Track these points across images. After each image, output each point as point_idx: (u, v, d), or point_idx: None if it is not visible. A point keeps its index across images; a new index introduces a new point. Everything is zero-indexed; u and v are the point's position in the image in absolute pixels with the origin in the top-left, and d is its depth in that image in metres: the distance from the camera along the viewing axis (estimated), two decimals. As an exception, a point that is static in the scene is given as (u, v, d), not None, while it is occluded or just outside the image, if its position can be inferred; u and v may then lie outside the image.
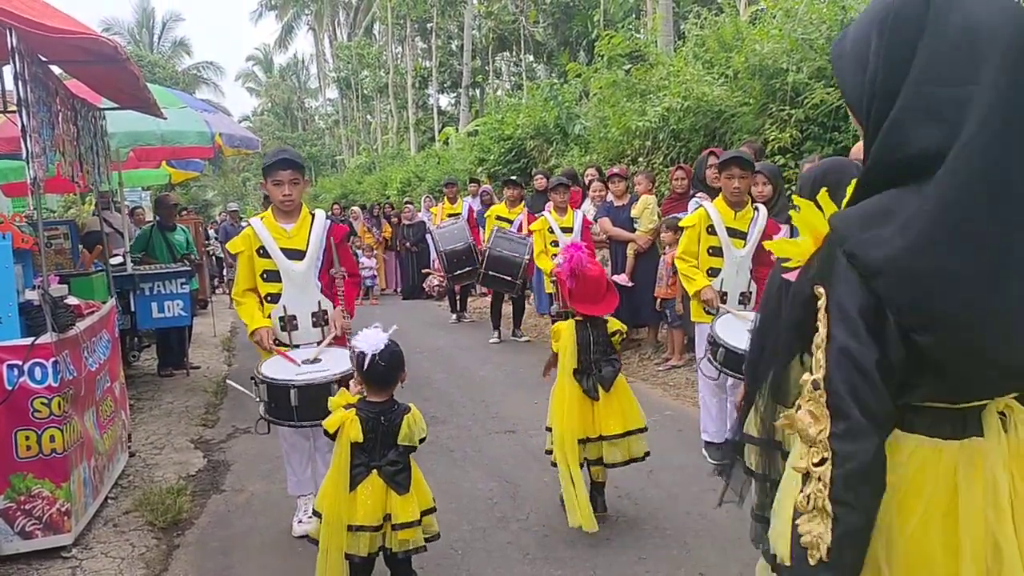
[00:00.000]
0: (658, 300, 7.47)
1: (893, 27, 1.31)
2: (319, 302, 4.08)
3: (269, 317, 4.03)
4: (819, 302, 1.35)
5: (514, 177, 10.86)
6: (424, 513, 3.04)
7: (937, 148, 1.26)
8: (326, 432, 3.06)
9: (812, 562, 1.30)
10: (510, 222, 9.30)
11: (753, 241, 4.77)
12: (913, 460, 1.38)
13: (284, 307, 4.02)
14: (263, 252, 4.02)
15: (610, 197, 8.17)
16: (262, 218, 4.15)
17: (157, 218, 8.77)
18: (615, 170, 8.31)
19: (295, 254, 4.03)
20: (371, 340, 3.02)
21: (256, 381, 3.78)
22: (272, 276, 4.04)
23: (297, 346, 4.03)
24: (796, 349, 1.45)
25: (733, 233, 4.78)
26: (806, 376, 1.35)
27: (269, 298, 4.06)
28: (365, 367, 3.01)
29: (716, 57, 9.33)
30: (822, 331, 1.33)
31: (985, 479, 1.35)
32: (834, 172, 2.64)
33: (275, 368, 3.80)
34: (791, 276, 1.82)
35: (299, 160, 4.12)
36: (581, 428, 3.85)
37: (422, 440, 3.08)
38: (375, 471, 2.96)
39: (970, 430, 1.37)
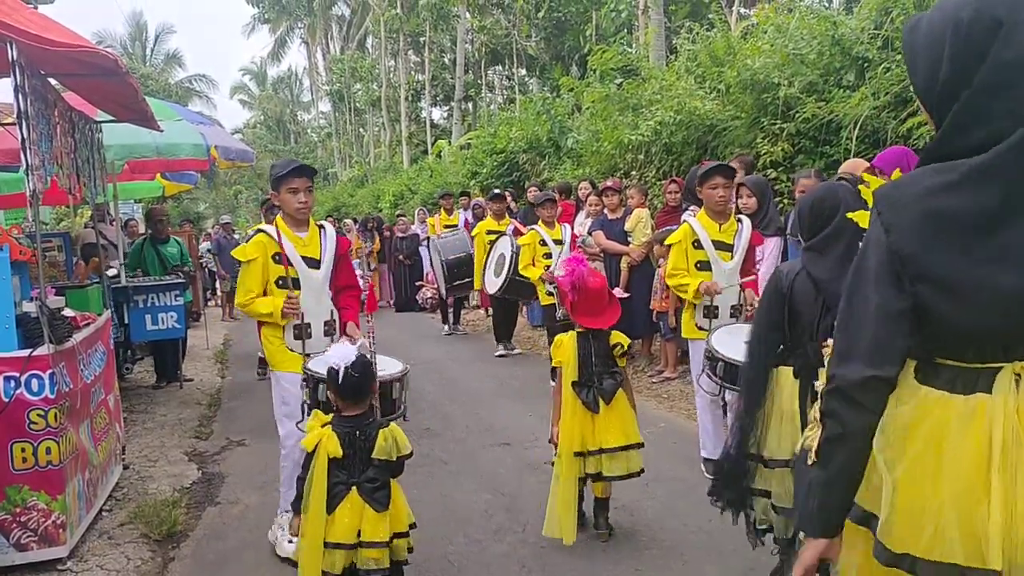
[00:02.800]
0: (654, 312, 7.51)
1: (966, 39, 1.46)
2: (331, 311, 4.12)
3: (282, 328, 4.01)
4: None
5: (498, 191, 10.91)
6: (396, 536, 3.03)
7: (977, 146, 1.45)
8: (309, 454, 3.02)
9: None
10: (501, 234, 9.33)
11: (740, 253, 4.80)
12: (919, 408, 1.54)
13: (301, 315, 4.00)
14: (279, 258, 3.99)
15: (604, 210, 8.22)
16: (261, 228, 4.15)
17: (149, 231, 8.78)
18: (608, 183, 8.35)
19: (312, 262, 4.06)
20: (341, 353, 3.05)
21: (315, 380, 3.64)
22: (286, 283, 4.00)
23: (308, 355, 3.98)
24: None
25: (719, 246, 4.79)
26: None
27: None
28: (340, 380, 3.02)
29: (708, 72, 9.40)
30: None
31: (981, 431, 1.48)
32: (830, 199, 2.94)
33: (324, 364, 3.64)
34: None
35: (312, 168, 4.16)
36: (580, 441, 3.83)
37: (404, 457, 3.06)
38: (354, 488, 2.96)
39: (980, 387, 1.50)
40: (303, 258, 4.02)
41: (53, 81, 4.71)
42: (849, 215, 2.22)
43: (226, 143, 8.97)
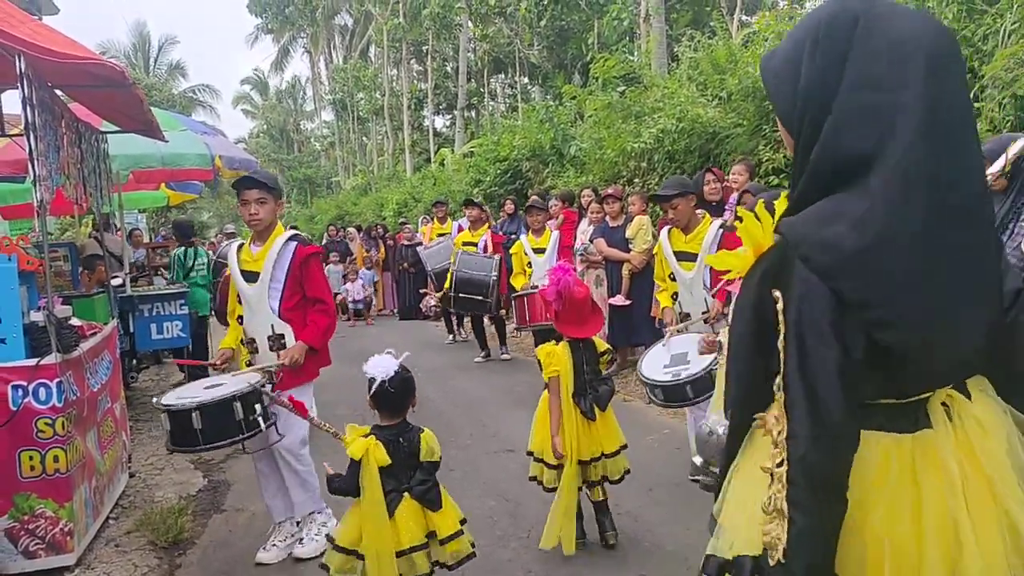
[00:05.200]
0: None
1: (825, 40, 1.38)
2: (272, 326, 4.02)
3: (242, 341, 4.14)
4: (777, 305, 1.38)
5: (473, 199, 11.02)
6: (461, 523, 3.08)
7: (871, 150, 1.33)
8: (353, 461, 2.98)
9: (772, 562, 1.35)
10: (475, 244, 9.44)
11: (702, 259, 4.88)
12: (875, 453, 1.41)
13: (245, 330, 4.10)
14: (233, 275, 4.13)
15: (605, 217, 8.25)
16: (241, 243, 4.25)
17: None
18: (609, 191, 8.39)
19: (253, 276, 4.05)
20: (382, 366, 3.03)
21: (160, 410, 3.67)
22: (239, 298, 4.14)
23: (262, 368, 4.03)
24: (758, 359, 1.47)
25: (683, 256, 4.92)
26: (778, 380, 1.39)
27: (240, 320, 4.14)
28: (373, 391, 3.01)
29: (710, 79, 9.45)
30: (782, 333, 1.37)
31: (939, 468, 1.40)
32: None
33: (173, 396, 3.78)
34: (733, 287, 1.90)
35: (264, 180, 4.10)
36: (587, 449, 3.88)
37: (441, 456, 3.09)
38: (407, 494, 2.97)
39: (921, 423, 1.42)
40: (245, 272, 4.07)
41: (59, 92, 4.76)
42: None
43: (230, 153, 9.02)
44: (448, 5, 25.16)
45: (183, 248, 8.85)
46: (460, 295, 8.65)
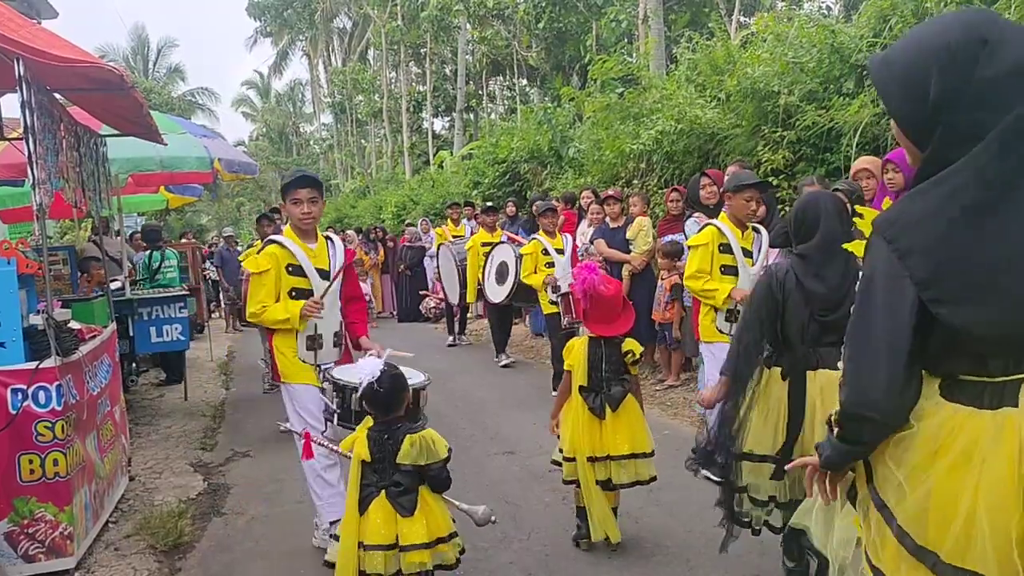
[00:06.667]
0: (656, 322, 7.52)
1: (953, 60, 1.51)
2: (341, 323, 4.18)
3: (296, 336, 4.01)
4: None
5: (491, 203, 11.02)
6: (439, 540, 3.01)
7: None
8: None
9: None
10: (495, 245, 9.40)
11: (760, 261, 4.83)
12: (948, 423, 1.58)
13: (315, 325, 4.02)
14: (293, 270, 4.01)
15: (605, 219, 8.25)
16: (281, 239, 4.11)
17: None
18: (610, 192, 8.40)
19: (323, 273, 4.08)
20: (367, 368, 3.08)
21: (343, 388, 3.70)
22: (301, 294, 4.00)
23: (319, 365, 4.05)
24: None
25: (743, 252, 4.88)
26: None
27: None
28: (360, 394, 3.07)
29: (708, 80, 9.44)
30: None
31: (1011, 445, 1.51)
32: (811, 209, 3.13)
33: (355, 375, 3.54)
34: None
35: (317, 178, 4.16)
36: (589, 446, 3.83)
37: (439, 463, 3.02)
38: (383, 492, 2.99)
39: (1007, 401, 1.54)
40: (316, 269, 4.05)
41: (58, 96, 4.75)
42: (846, 246, 2.35)
43: (229, 156, 9.01)
44: (446, 7, 25.14)
45: (148, 252, 8.95)
46: (522, 284, 8.52)
